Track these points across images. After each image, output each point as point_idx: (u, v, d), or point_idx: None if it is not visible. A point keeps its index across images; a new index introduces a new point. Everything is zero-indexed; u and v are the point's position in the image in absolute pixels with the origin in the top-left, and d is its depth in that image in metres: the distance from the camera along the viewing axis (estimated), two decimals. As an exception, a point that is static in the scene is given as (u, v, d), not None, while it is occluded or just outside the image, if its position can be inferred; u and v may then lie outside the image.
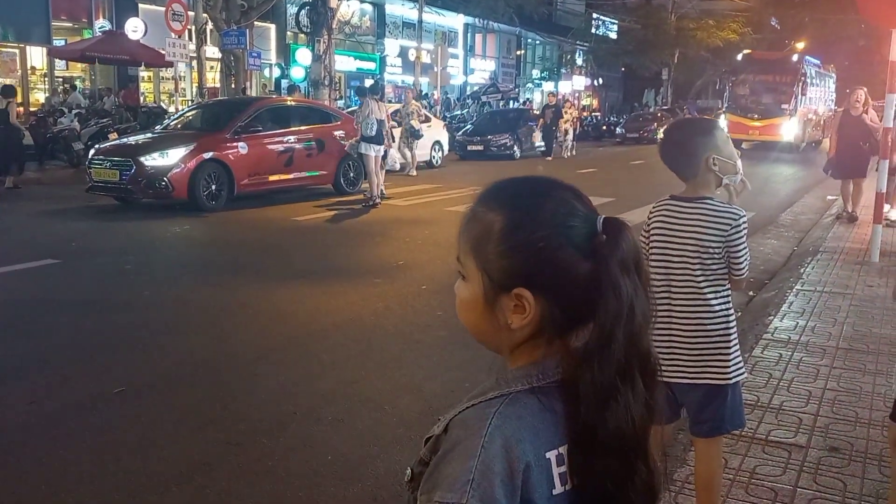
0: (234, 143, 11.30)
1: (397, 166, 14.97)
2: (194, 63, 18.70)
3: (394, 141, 13.46)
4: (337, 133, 12.86)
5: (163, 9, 18.64)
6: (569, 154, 23.03)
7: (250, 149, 11.44)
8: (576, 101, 28.53)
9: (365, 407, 4.15)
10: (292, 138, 12.24)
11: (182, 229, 9.61)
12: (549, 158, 22.04)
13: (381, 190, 12.07)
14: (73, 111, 17.69)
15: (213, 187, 10.85)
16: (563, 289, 0.97)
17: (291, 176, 12.20)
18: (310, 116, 13.09)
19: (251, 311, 5.95)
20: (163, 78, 24.12)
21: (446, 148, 19.44)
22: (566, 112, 23.08)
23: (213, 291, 6.51)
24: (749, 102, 27.94)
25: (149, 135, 12.05)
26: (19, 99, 21.48)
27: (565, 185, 1.03)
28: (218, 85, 19.53)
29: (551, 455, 0.96)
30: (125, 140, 12.11)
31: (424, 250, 8.37)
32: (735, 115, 27.59)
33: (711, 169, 2.49)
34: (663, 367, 1.07)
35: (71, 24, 22.81)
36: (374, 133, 11.67)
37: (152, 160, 10.56)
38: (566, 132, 23.00)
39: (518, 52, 42.69)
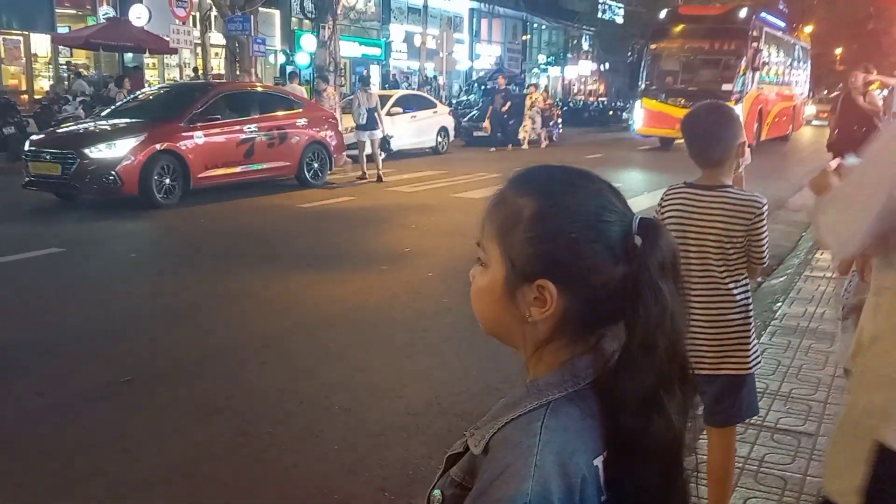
0: (190, 133, 10.42)
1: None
2: (198, 50, 18.64)
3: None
4: (300, 121, 12.20)
5: (166, -5, 18.60)
6: (545, 144, 21.02)
7: (207, 139, 10.58)
8: (542, 88, 24.51)
9: (372, 396, 4.15)
10: (253, 127, 11.34)
11: (151, 223, 9.58)
12: (494, 150, 19.04)
13: (380, 174, 12.90)
14: (78, 98, 17.66)
15: (168, 181, 9.99)
16: (589, 285, 0.91)
17: (252, 168, 11.32)
18: (271, 104, 12.20)
19: (256, 299, 5.94)
20: (167, 65, 24.05)
21: (452, 134, 19.37)
22: (529, 99, 20.74)
23: (215, 281, 6.49)
24: (675, 82, 20.36)
25: (94, 124, 11.00)
26: (23, 87, 21.57)
27: (601, 178, 0.98)
28: (223, 71, 19.44)
29: (597, 462, 0.90)
30: (67, 129, 11.09)
31: (431, 237, 8.34)
32: (654, 100, 20.13)
33: (737, 157, 2.44)
34: None
35: (75, 11, 22.76)
36: (364, 122, 13.06)
37: (98, 152, 9.60)
38: (532, 120, 20.53)
39: (524, 37, 42.45)
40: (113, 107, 12.52)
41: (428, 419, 3.86)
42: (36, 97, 20.35)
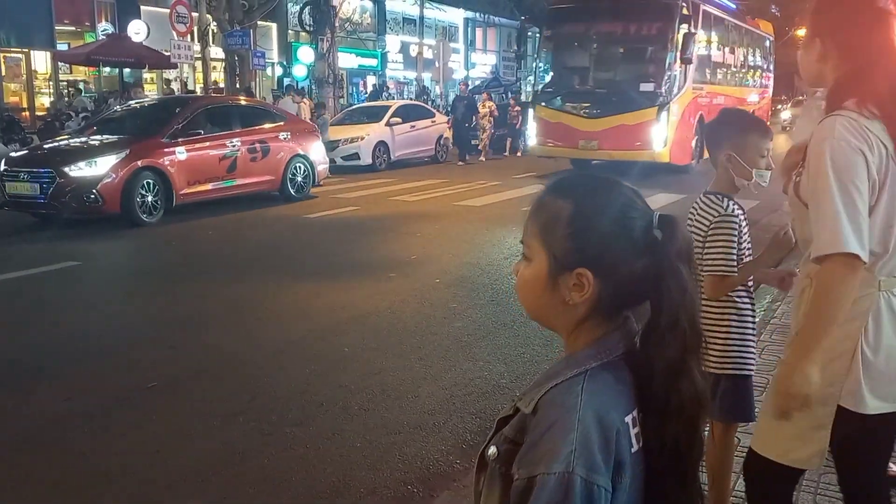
0: (172, 149, 10.21)
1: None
2: (197, 64, 18.85)
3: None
4: (282, 135, 12.02)
5: (164, 10, 18.78)
6: (485, 157, 19.46)
7: (189, 154, 10.37)
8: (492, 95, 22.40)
9: (388, 396, 4.30)
10: (235, 142, 11.15)
11: (150, 239, 9.73)
12: (462, 163, 18.13)
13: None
14: (80, 114, 17.85)
15: (150, 198, 9.81)
16: (619, 272, 1.10)
17: (235, 183, 11.13)
18: (253, 117, 12.03)
19: (271, 306, 6.10)
20: (166, 80, 24.27)
21: (450, 143, 19.56)
22: (482, 107, 19.85)
23: (227, 291, 6.65)
24: (577, 83, 15.13)
25: (73, 141, 10.76)
26: (24, 104, 21.77)
27: (625, 183, 1.17)
28: (222, 85, 19.65)
29: (629, 419, 1.09)
30: (45, 147, 10.79)
31: (436, 245, 8.50)
32: (550, 109, 14.86)
33: (726, 166, 2.48)
34: None
35: (74, 28, 22.96)
36: None
37: (78, 170, 9.37)
38: (483, 129, 19.67)
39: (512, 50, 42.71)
40: (89, 123, 12.17)
41: (443, 417, 4.02)
42: (37, 114, 20.54)
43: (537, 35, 17.64)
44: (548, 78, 15.80)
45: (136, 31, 21.06)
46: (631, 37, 14.99)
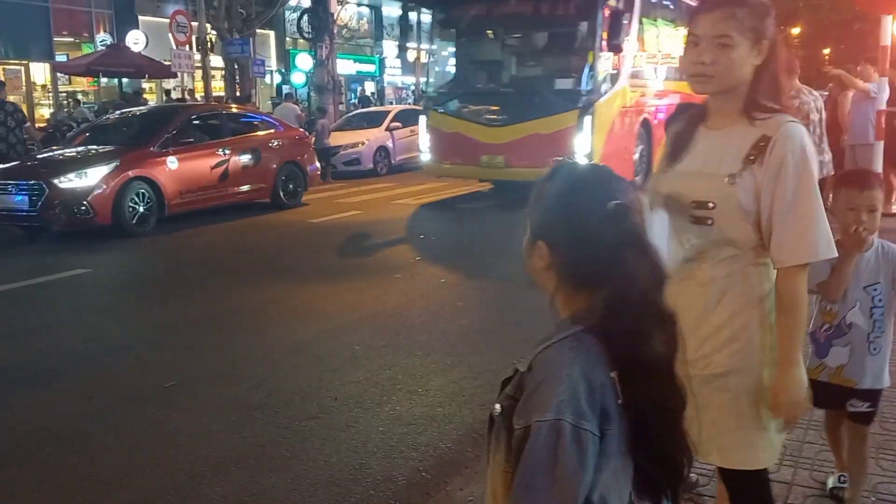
0: (163, 158, 10.09)
1: None
2: (197, 73, 19.02)
3: None
4: (274, 143, 11.92)
5: (162, 20, 18.95)
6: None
7: (181, 163, 10.25)
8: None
9: (399, 391, 4.44)
10: (227, 150, 10.98)
11: (152, 247, 9.85)
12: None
13: None
14: (81, 125, 17.99)
15: (142, 209, 9.69)
16: (570, 248, 1.28)
17: (227, 191, 10.99)
18: (244, 125, 12.00)
19: (281, 308, 6.24)
20: (166, 90, 24.46)
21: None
22: None
23: (238, 294, 6.80)
24: (478, 83, 12.26)
25: (62, 152, 10.61)
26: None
27: (606, 171, 1.34)
28: (223, 93, 19.81)
29: (613, 374, 1.25)
30: (35, 158, 10.54)
31: (439, 246, 8.65)
32: (445, 115, 11.69)
33: None
34: None
35: (72, 39, 23.16)
36: None
37: (69, 182, 9.22)
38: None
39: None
40: (77, 132, 11.87)
41: (453, 409, 4.16)
42: (37, 126, 20.69)
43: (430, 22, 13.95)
44: (443, 76, 13.17)
45: (135, 41, 21.26)
46: (544, 19, 11.66)
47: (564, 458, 1.16)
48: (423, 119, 12.04)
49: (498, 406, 1.32)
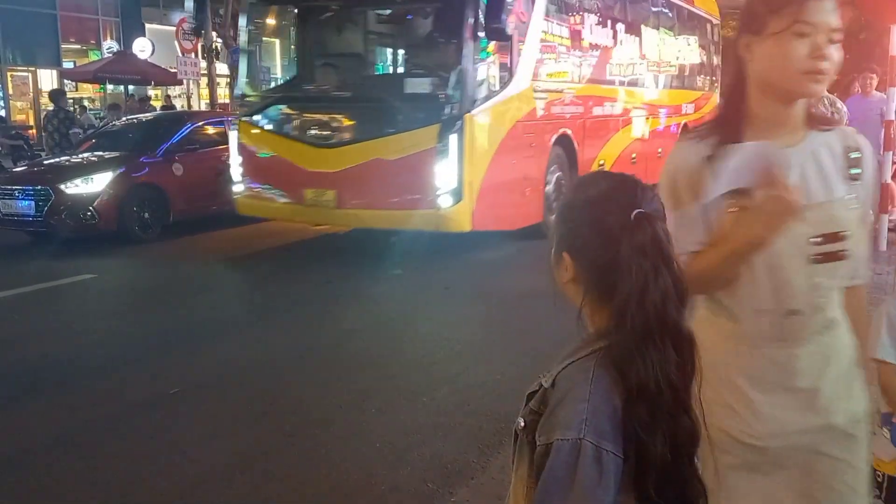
0: (168, 164, 10.02)
1: None
2: (202, 80, 19.08)
3: None
4: None
5: (169, 28, 19.02)
6: None
7: (186, 169, 10.12)
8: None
9: (404, 399, 4.43)
10: None
11: (159, 253, 9.84)
12: None
13: None
14: (87, 131, 18.03)
15: (146, 215, 9.60)
16: (591, 259, 1.25)
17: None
18: None
19: (284, 316, 6.23)
20: (167, 95, 24.54)
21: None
22: None
23: (241, 301, 6.81)
24: (303, 84, 9.01)
25: (68, 158, 10.57)
26: (30, 122, 22.01)
27: (632, 179, 1.30)
28: (228, 101, 19.86)
29: (617, 397, 1.21)
30: (42, 165, 10.60)
31: (444, 254, 8.62)
32: (260, 130, 8.37)
33: None
34: None
35: (79, 46, 23.30)
36: None
37: (75, 187, 9.19)
38: None
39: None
40: (84, 138, 11.86)
41: (459, 418, 4.15)
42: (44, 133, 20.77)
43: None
44: (257, 72, 9.43)
45: (142, 48, 21.35)
46: (399, 9, 8.95)
47: (583, 477, 1.14)
48: (232, 134, 8.71)
49: (521, 420, 1.30)
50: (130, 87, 22.34)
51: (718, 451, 1.59)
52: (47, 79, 22.44)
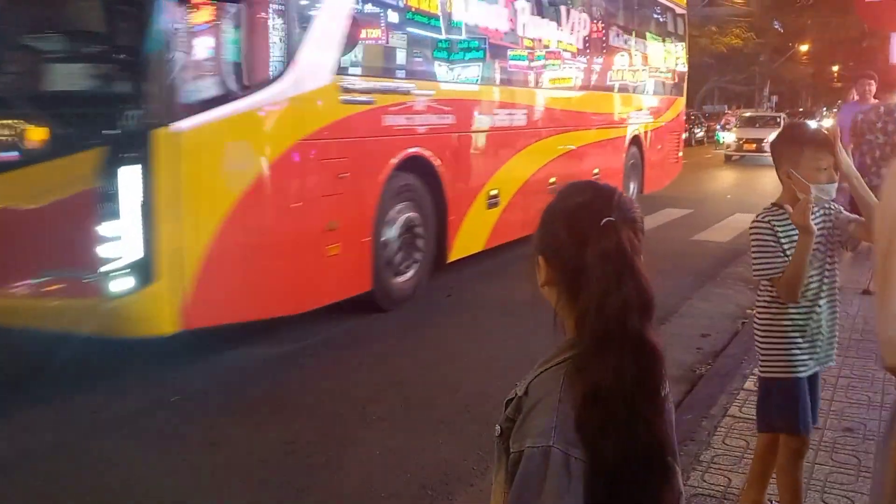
0: None
1: None
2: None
3: None
4: None
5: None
6: None
7: None
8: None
9: (405, 406, 4.43)
10: None
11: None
12: None
13: None
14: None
15: None
16: (561, 262, 1.28)
17: None
18: None
19: (282, 322, 6.20)
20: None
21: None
22: None
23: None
24: None
25: None
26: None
27: (603, 187, 1.31)
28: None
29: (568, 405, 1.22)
30: None
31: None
32: None
33: (787, 182, 2.53)
34: None
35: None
36: None
37: None
38: None
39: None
40: None
41: (459, 425, 4.14)
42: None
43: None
44: None
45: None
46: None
47: (553, 485, 1.15)
48: None
49: (498, 427, 1.32)
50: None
51: None
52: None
